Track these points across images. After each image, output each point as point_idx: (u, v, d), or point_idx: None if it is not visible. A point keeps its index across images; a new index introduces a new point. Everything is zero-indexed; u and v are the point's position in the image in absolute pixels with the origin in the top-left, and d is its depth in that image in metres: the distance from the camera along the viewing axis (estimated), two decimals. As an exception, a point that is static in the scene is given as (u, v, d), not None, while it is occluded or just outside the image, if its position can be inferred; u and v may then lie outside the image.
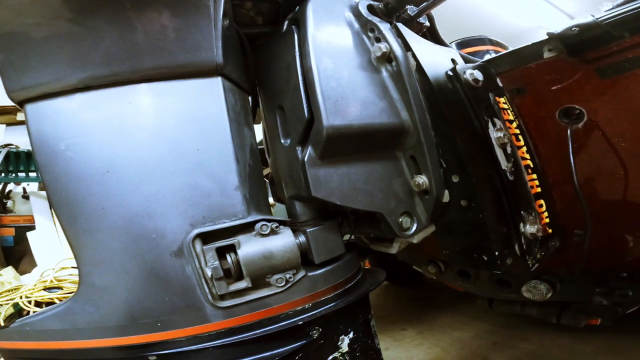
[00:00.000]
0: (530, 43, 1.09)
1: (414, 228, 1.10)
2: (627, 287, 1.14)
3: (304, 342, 0.97)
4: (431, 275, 1.72)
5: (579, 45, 0.98)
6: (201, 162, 0.93)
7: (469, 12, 4.83)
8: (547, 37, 1.02)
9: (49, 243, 2.99)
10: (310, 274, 1.00)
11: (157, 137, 0.92)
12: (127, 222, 0.89)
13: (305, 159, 0.99)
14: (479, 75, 1.08)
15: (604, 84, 1.00)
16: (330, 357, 1.02)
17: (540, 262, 1.11)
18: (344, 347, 1.05)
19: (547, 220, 1.11)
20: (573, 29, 0.95)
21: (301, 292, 0.98)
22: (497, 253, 1.03)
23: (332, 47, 1.07)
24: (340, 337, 1.04)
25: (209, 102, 0.97)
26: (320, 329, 0.99)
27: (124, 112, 0.92)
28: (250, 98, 1.34)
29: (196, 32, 0.94)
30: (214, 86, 0.97)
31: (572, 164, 1.02)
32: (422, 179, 1.06)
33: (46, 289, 2.23)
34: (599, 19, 0.92)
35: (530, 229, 1.05)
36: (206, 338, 0.90)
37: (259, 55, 1.28)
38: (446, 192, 1.08)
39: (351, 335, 1.06)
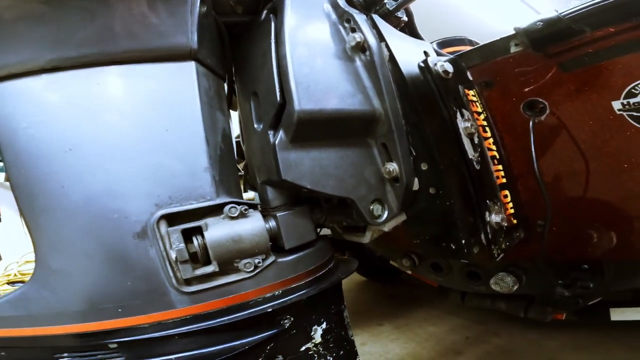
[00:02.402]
0: (498, 38, 1.12)
1: (385, 215, 1.11)
2: (588, 279, 1.18)
3: (275, 331, 0.95)
4: (406, 268, 1.74)
5: (543, 39, 1.01)
6: (169, 142, 0.91)
7: (451, 14, 4.95)
8: (514, 32, 1.05)
9: (14, 236, 2.87)
10: (280, 260, 0.98)
11: (123, 117, 0.91)
12: (88, 201, 0.86)
13: (277, 142, 0.99)
14: (449, 67, 1.10)
15: (566, 77, 1.04)
16: (303, 347, 1.01)
17: (505, 252, 1.14)
18: (317, 337, 1.03)
19: (512, 211, 1.14)
20: (537, 23, 0.99)
21: (271, 278, 0.96)
22: (464, 241, 1.05)
23: (307, 35, 1.08)
24: (313, 328, 1.03)
25: (180, 85, 0.96)
26: (292, 318, 0.97)
27: (91, 92, 0.90)
28: (227, 86, 1.34)
29: (172, 17, 0.94)
30: (187, 70, 0.97)
31: (534, 155, 1.05)
32: (392, 166, 1.07)
33: (10, 282, 2.14)
34: (562, 14, 0.96)
35: (495, 218, 1.08)
36: (171, 325, 0.87)
37: (237, 44, 1.28)
38: (416, 180, 1.10)
39: (324, 325, 1.05)
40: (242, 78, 1.27)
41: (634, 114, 1.01)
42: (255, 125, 1.12)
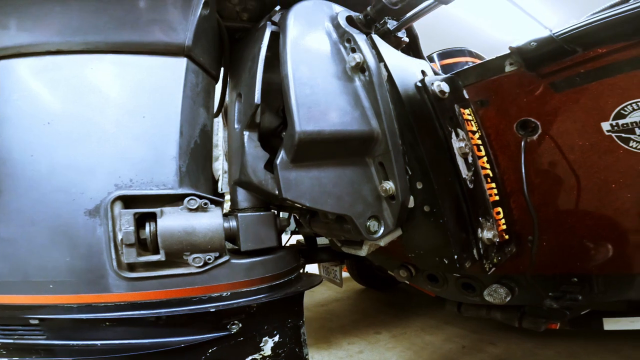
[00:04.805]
0: (494, 57, 1.15)
1: (381, 231, 1.14)
2: (577, 291, 1.21)
3: (218, 334, 0.92)
4: (403, 279, 1.77)
5: (537, 59, 1.04)
6: (144, 128, 0.95)
7: (453, 25, 5.01)
8: (509, 51, 1.08)
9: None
10: (234, 261, 0.97)
11: (106, 100, 0.95)
12: (51, 172, 0.89)
13: (278, 161, 1.03)
14: (445, 87, 1.14)
15: (558, 98, 1.07)
16: (249, 357, 0.98)
17: (497, 266, 1.17)
18: (267, 349, 1.01)
19: (504, 227, 1.18)
20: (531, 43, 1.01)
21: (220, 278, 0.94)
22: (456, 257, 1.08)
23: (309, 55, 1.12)
24: (264, 339, 1.00)
25: (168, 78, 1.01)
26: (241, 325, 0.95)
27: (82, 75, 0.95)
28: (221, 89, 1.39)
29: (174, 15, 1.01)
30: (178, 65, 1.03)
31: (523, 174, 1.09)
32: (389, 185, 1.11)
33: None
34: (555, 34, 0.98)
35: (487, 234, 1.11)
36: (102, 308, 0.85)
37: (236, 48, 1.34)
38: (411, 198, 1.13)
39: (277, 338, 1.02)
40: (233, 80, 1.33)
41: (622, 135, 1.04)
42: (236, 126, 1.15)
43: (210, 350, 0.92)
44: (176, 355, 0.89)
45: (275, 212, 1.17)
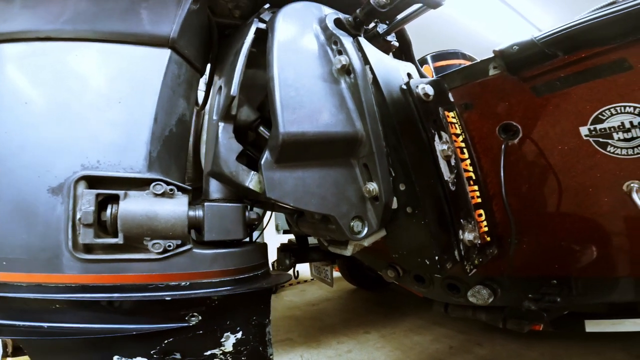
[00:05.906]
0: (479, 60, 1.16)
1: (364, 232, 1.15)
2: (556, 293, 1.23)
3: (175, 325, 0.90)
4: (391, 279, 1.79)
5: (518, 63, 1.05)
6: (118, 112, 0.97)
7: (448, 27, 5.05)
8: (493, 54, 1.10)
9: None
10: (196, 250, 0.95)
11: (85, 86, 0.97)
12: (22, 149, 0.90)
13: (262, 161, 1.04)
14: (429, 90, 1.15)
15: (538, 102, 1.08)
16: (209, 352, 0.96)
17: (478, 268, 1.19)
18: (228, 345, 0.98)
19: (486, 229, 1.20)
20: (513, 47, 1.03)
21: (180, 266, 0.92)
22: (437, 258, 1.09)
23: (295, 57, 1.13)
24: (225, 334, 0.98)
25: (149, 67, 1.03)
26: (200, 317, 0.93)
27: (66, 62, 0.97)
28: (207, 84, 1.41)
29: (162, 8, 1.03)
30: (161, 55, 1.04)
31: (502, 177, 1.11)
32: (372, 186, 1.12)
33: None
34: (536, 38, 0.99)
35: (468, 236, 1.13)
36: (52, 289, 0.83)
37: (224, 43, 1.35)
38: (395, 199, 1.15)
39: (239, 335, 1.00)
40: (217, 74, 1.34)
41: (600, 140, 1.06)
42: (214, 118, 1.16)
43: (166, 341, 0.90)
44: (128, 342, 0.87)
45: (248, 205, 1.17)
